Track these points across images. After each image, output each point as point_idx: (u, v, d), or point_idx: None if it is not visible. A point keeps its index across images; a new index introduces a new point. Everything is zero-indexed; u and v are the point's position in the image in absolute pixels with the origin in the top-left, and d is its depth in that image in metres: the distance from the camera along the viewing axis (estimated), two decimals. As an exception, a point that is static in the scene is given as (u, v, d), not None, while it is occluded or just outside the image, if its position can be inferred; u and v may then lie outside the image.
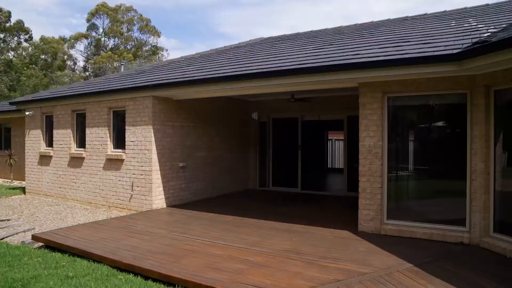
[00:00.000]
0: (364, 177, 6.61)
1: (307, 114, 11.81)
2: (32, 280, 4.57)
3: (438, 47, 5.97)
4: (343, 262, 4.95)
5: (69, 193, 10.40)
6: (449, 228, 6.02)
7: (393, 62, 5.80)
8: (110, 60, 41.68)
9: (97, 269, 5.02)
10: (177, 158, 9.22)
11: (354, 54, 6.73)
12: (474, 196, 5.81)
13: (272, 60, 7.96)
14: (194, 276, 4.44)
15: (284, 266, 4.81)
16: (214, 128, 10.58)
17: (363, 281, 4.28)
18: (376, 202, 6.51)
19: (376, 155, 6.50)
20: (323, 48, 8.16)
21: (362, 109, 6.64)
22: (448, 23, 8.34)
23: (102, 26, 45.88)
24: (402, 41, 6.99)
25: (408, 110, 6.86)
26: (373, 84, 6.47)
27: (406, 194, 6.78)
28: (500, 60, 4.76)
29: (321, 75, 6.45)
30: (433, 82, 6.05)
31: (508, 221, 5.52)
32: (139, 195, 8.74)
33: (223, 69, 8.11)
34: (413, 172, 6.75)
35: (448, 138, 6.63)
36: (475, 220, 5.76)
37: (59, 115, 10.61)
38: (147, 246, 5.71)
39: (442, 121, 6.86)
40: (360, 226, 6.63)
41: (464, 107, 6.03)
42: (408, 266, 4.78)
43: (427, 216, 6.32)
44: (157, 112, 8.63)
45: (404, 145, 6.86)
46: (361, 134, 6.65)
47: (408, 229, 6.23)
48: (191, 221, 7.47)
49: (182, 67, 9.91)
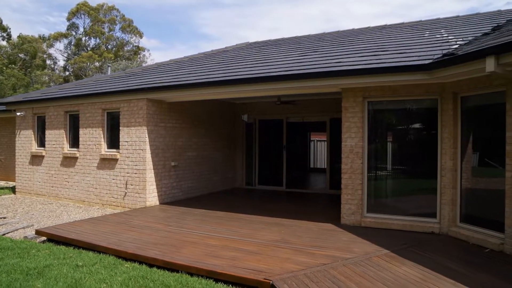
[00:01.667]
0: (346, 174, 7.22)
1: (292, 116, 12.41)
2: (46, 269, 4.98)
3: (412, 57, 6.63)
4: (328, 250, 5.53)
5: (62, 192, 10.69)
6: (422, 220, 6.69)
7: (372, 71, 6.43)
8: (91, 60, 41.43)
9: (103, 259, 5.44)
10: (169, 158, 9.66)
11: (336, 62, 7.34)
12: (444, 191, 6.49)
13: (260, 65, 8.51)
14: (195, 263, 4.94)
15: (275, 253, 5.35)
16: (203, 129, 11.05)
17: (346, 264, 4.86)
18: (357, 197, 7.13)
19: (357, 154, 7.12)
20: (307, 55, 8.75)
21: (344, 112, 7.25)
22: (422, 33, 9.05)
23: (83, 26, 45.46)
24: (380, 50, 7.64)
25: (386, 113, 7.51)
26: (354, 89, 7.09)
27: (384, 190, 7.42)
28: (464, 71, 5.45)
29: (307, 81, 7.04)
30: (408, 88, 6.71)
31: (472, 213, 6.22)
32: (133, 193, 9.14)
33: (215, 73, 8.61)
34: (391, 170, 7.41)
35: (422, 139, 7.31)
36: (444, 212, 6.45)
37: (52, 116, 10.88)
38: (147, 239, 6.17)
39: (416, 123, 7.53)
40: (343, 219, 7.24)
41: (435, 111, 6.71)
42: (385, 252, 5.39)
43: (403, 210, 6.98)
44: (151, 113, 9.06)
45: (383, 145, 7.50)
46: (343, 135, 7.25)
47: (385, 221, 6.88)
48: (185, 216, 7.94)
49: (173, 70, 10.35)
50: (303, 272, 4.58)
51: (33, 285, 4.46)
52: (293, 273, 4.53)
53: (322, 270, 4.66)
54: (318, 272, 4.57)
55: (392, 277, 4.42)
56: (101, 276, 4.72)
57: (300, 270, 4.65)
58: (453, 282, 4.26)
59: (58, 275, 4.73)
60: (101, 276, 4.72)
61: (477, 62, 5.02)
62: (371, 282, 4.29)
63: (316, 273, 4.56)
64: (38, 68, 39.97)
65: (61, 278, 4.65)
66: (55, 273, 4.80)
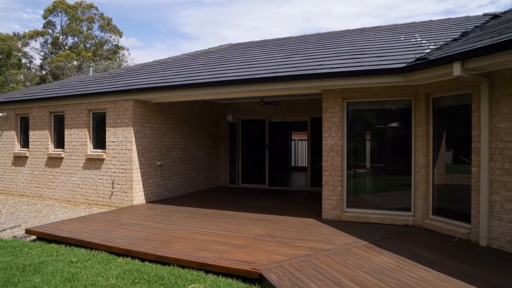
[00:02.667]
0: (326, 171, 7.61)
1: (274, 116, 12.77)
2: (41, 265, 5.16)
3: (388, 60, 7.06)
4: (311, 242, 5.89)
5: (47, 193, 10.73)
6: (397, 213, 7.14)
7: (352, 74, 6.83)
8: (69, 59, 40.79)
9: (96, 255, 5.64)
10: (155, 157, 9.86)
11: (318, 64, 7.71)
12: (417, 186, 6.95)
13: (246, 67, 8.81)
14: (186, 256, 5.21)
15: (262, 246, 5.67)
16: (188, 129, 11.28)
17: (328, 254, 5.23)
18: (337, 193, 7.53)
19: (337, 153, 7.51)
20: (290, 57, 9.11)
21: (325, 112, 7.63)
22: (398, 37, 9.53)
23: (60, 24, 44.64)
24: (359, 54, 8.06)
25: (365, 113, 7.93)
26: (334, 91, 7.48)
27: (363, 186, 7.84)
28: (434, 74, 5.89)
29: (290, 83, 7.39)
30: (384, 90, 7.14)
31: (443, 206, 6.70)
32: (119, 192, 9.30)
33: (201, 75, 8.87)
34: (369, 167, 7.84)
35: (398, 138, 7.76)
36: (418, 206, 6.91)
37: (36, 117, 10.91)
38: (138, 235, 6.39)
39: (393, 123, 7.99)
40: (324, 214, 7.62)
41: (410, 111, 7.16)
42: (364, 243, 5.79)
43: (380, 204, 7.41)
44: (137, 114, 9.24)
45: (361, 143, 7.92)
46: (324, 134, 7.64)
47: (364, 215, 7.29)
48: (172, 214, 8.18)
49: (159, 71, 10.54)
50: (288, 262, 4.91)
51: (31, 279, 4.64)
52: (279, 263, 4.86)
53: (306, 260, 5.01)
54: (302, 262, 4.92)
55: (370, 265, 4.81)
56: (96, 270, 4.94)
57: (285, 260, 4.98)
58: (425, 268, 4.68)
59: (54, 270, 4.93)
60: (96, 270, 4.94)
61: (446, 67, 5.46)
62: (351, 269, 4.66)
63: (300, 262, 4.90)
64: (13, 67, 39.13)
65: (57, 273, 4.84)
66: (51, 269, 5.00)
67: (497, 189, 5.43)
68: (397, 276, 4.43)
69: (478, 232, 5.69)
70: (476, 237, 5.71)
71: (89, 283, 4.48)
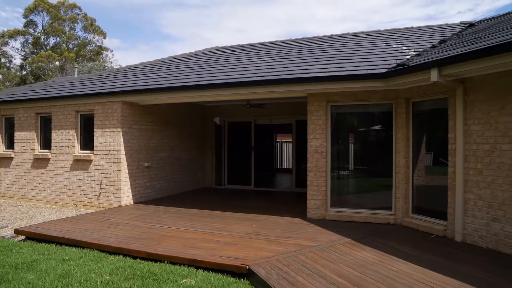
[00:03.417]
0: (311, 172, 7.88)
1: (260, 118, 13.01)
2: (34, 263, 5.25)
3: (371, 65, 7.39)
4: (297, 240, 6.13)
5: (32, 194, 10.71)
6: (379, 212, 7.45)
7: (336, 78, 7.12)
8: (51, 59, 40.24)
9: (88, 253, 5.76)
10: (142, 159, 9.97)
11: (303, 69, 7.99)
12: (398, 185, 7.28)
13: (233, 71, 9.03)
14: (177, 253, 5.39)
15: (250, 244, 5.89)
16: (175, 130, 11.42)
17: (313, 251, 5.48)
18: (322, 193, 7.80)
19: (321, 154, 7.79)
20: (276, 61, 9.37)
21: (310, 115, 7.91)
22: (380, 43, 9.90)
23: (42, 23, 43.93)
24: (343, 59, 8.37)
25: (348, 116, 8.24)
26: (319, 94, 7.76)
27: (347, 186, 8.15)
28: (413, 80, 6.23)
29: (277, 86, 7.64)
30: (367, 94, 7.46)
31: (422, 205, 7.04)
32: (108, 193, 9.38)
33: (189, 78, 9.04)
34: (352, 168, 8.14)
35: (380, 140, 8.08)
36: (399, 205, 7.24)
37: (22, 118, 10.88)
38: (128, 234, 6.52)
39: (375, 125, 8.32)
40: (309, 214, 7.88)
41: (391, 115, 7.50)
42: (347, 240, 6.06)
43: (363, 204, 7.72)
44: (125, 116, 9.35)
45: (345, 145, 8.22)
46: (309, 136, 7.91)
47: (348, 214, 7.58)
48: (160, 214, 8.32)
49: (146, 73, 10.66)
50: (275, 258, 5.14)
51: (25, 277, 4.75)
52: (266, 259, 5.08)
53: (292, 256, 5.24)
54: (288, 258, 5.15)
55: (353, 260, 5.07)
56: (90, 267, 5.07)
57: (272, 256, 5.20)
58: (404, 261, 4.97)
59: (48, 268, 5.04)
60: (89, 267, 5.07)
61: (424, 73, 5.80)
62: (335, 264, 4.91)
63: (287, 258, 5.13)
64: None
65: (51, 270, 4.96)
66: (44, 267, 5.10)
67: (471, 188, 5.78)
68: (378, 269, 4.70)
69: (453, 229, 6.04)
70: (452, 233, 6.06)
71: (83, 279, 4.62)
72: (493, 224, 5.45)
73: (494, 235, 5.43)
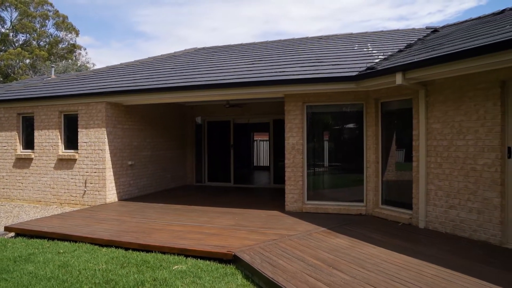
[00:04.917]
0: (289, 168, 8.42)
1: (239, 117, 13.48)
2: (31, 256, 5.56)
3: (343, 68, 7.98)
4: (277, 230, 6.66)
5: (15, 194, 10.82)
6: (352, 204, 8.08)
7: (311, 80, 7.68)
8: (20, 57, 39.31)
9: (81, 246, 6.10)
10: (126, 157, 10.27)
11: (281, 71, 8.52)
12: (369, 179, 7.92)
13: (214, 72, 9.47)
14: (167, 243, 5.81)
15: (234, 234, 6.37)
16: (156, 130, 11.75)
17: (292, 239, 6.01)
18: (299, 188, 8.36)
19: (298, 151, 8.35)
20: (254, 63, 9.86)
21: (287, 114, 8.45)
22: (352, 46, 10.53)
23: (10, 19, 42.72)
24: (318, 62, 8.95)
25: (323, 116, 8.83)
26: (295, 95, 8.31)
27: (322, 180, 8.74)
28: (381, 82, 6.86)
29: (256, 88, 8.14)
30: (340, 95, 8.05)
31: (390, 197, 7.71)
32: (92, 191, 9.65)
33: (172, 79, 9.42)
34: (327, 163, 8.74)
35: (352, 138, 8.71)
36: (369, 197, 7.88)
37: (2, 118, 10.96)
38: (117, 228, 6.89)
39: (348, 124, 8.93)
40: (287, 207, 8.43)
41: (362, 114, 8.13)
42: (323, 229, 6.63)
43: (337, 197, 8.33)
44: (109, 116, 9.64)
45: (320, 142, 8.81)
46: (286, 134, 8.45)
47: (323, 207, 8.17)
48: (146, 210, 8.68)
49: (129, 74, 10.95)
50: (258, 245, 5.64)
51: (25, 268, 5.06)
52: (250, 246, 5.58)
53: (273, 243, 5.76)
54: (270, 245, 5.66)
55: (328, 246, 5.63)
56: (85, 258, 5.43)
57: (255, 244, 5.71)
58: (373, 246, 5.57)
59: (45, 260, 5.37)
60: (85, 258, 5.43)
61: (390, 76, 6.42)
62: (312, 249, 5.46)
63: (268, 245, 5.64)
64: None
65: (49, 262, 5.29)
66: (41, 259, 5.43)
67: (432, 179, 6.46)
68: (350, 253, 5.28)
69: (417, 217, 6.71)
70: (416, 221, 6.73)
71: (82, 268, 4.98)
72: (450, 211, 6.14)
73: (451, 221, 6.12)
